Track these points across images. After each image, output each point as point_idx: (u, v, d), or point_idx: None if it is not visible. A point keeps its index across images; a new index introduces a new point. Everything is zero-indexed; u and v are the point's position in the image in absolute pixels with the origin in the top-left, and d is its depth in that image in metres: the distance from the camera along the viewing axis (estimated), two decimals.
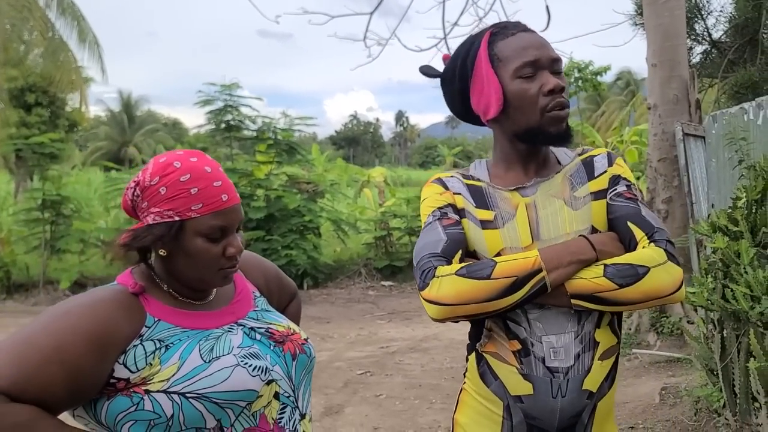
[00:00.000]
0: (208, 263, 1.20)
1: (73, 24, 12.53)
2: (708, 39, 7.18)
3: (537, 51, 1.37)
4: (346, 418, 4.40)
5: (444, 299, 1.28)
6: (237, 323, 1.27)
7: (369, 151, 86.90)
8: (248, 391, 1.16)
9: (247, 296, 1.36)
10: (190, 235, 1.18)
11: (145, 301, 1.19)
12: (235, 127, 10.38)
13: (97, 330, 1.10)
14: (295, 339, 1.32)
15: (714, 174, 4.58)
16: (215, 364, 1.15)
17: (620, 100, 31.23)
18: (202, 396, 1.12)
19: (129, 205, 1.23)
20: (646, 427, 3.85)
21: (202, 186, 1.18)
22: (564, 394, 1.30)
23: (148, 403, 1.11)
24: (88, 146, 45.18)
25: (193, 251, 1.19)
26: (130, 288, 1.18)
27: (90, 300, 1.15)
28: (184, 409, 1.11)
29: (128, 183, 1.24)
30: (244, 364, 1.17)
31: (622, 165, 1.45)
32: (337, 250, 11.06)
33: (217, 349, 1.18)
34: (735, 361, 3.14)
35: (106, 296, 1.16)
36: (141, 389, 1.11)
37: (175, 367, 1.13)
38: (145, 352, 1.13)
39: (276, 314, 1.38)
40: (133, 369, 1.11)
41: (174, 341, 1.16)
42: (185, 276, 1.22)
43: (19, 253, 10.02)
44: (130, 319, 1.14)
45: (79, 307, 1.13)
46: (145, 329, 1.15)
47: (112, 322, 1.12)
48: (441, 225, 1.40)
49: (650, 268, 1.25)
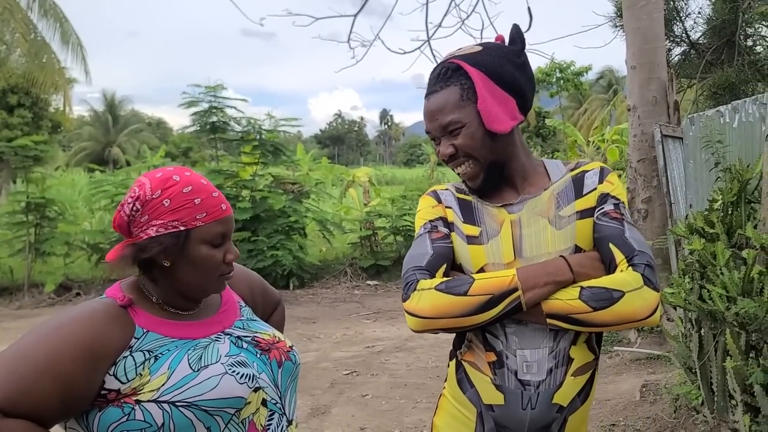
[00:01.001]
0: (211, 269, 1.26)
1: (55, 25, 12.43)
2: (686, 40, 7.28)
3: (428, 123, 1.46)
4: (333, 418, 4.44)
5: (422, 312, 1.34)
6: (224, 332, 1.30)
7: (354, 150, 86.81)
8: (236, 398, 1.19)
9: (232, 306, 1.40)
10: (195, 244, 1.23)
11: (134, 313, 1.22)
12: (220, 129, 10.37)
13: (88, 343, 1.12)
14: (281, 347, 1.36)
15: (691, 175, 4.67)
16: (204, 373, 1.18)
17: (602, 99, 31.50)
18: (191, 404, 1.15)
19: (125, 221, 1.25)
20: (626, 424, 3.93)
21: (204, 197, 1.24)
22: (534, 407, 1.35)
23: (139, 413, 1.13)
24: (72, 147, 44.77)
25: (198, 259, 1.24)
26: (119, 301, 1.21)
27: (81, 313, 1.18)
28: (174, 417, 1.14)
29: (123, 200, 1.26)
30: (232, 372, 1.20)
31: (612, 182, 1.46)
32: (322, 250, 11.09)
33: (205, 358, 1.21)
34: (712, 360, 3.22)
35: (96, 309, 1.19)
36: (132, 399, 1.14)
37: (165, 377, 1.15)
38: (135, 363, 1.15)
39: (261, 323, 1.42)
40: (123, 380, 1.14)
41: (163, 351, 1.19)
42: (188, 285, 1.26)
43: (3, 257, 9.94)
44: (119, 331, 1.17)
45: (70, 321, 1.15)
46: (134, 340, 1.18)
47: (103, 335, 1.14)
48: (430, 238, 1.45)
49: (625, 292, 1.28)
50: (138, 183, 1.25)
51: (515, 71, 1.43)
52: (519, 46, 1.47)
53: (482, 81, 1.40)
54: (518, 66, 1.44)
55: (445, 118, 1.41)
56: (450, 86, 1.41)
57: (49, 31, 12.34)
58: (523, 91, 1.44)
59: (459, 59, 1.43)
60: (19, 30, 11.27)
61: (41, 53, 11.86)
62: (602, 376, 5.03)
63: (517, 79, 1.43)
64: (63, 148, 41.07)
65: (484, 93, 1.39)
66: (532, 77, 1.49)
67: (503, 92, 1.41)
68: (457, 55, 1.45)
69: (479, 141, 1.41)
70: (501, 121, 1.41)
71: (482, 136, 1.41)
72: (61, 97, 14.32)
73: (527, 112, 1.49)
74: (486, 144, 1.42)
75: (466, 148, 1.42)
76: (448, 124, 1.41)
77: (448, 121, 1.40)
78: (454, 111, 1.40)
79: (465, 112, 1.40)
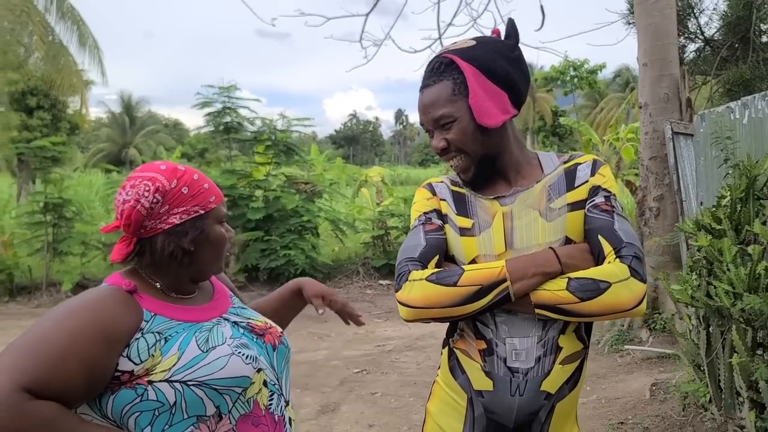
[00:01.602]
0: (223, 245, 1.37)
1: (73, 28, 12.61)
2: (701, 37, 7.21)
3: (422, 116, 1.49)
4: (342, 415, 4.47)
5: (413, 302, 1.37)
6: (222, 317, 1.36)
7: (368, 150, 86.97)
8: (243, 378, 1.25)
9: (224, 294, 1.46)
10: (211, 224, 1.33)
11: (139, 298, 1.25)
12: (234, 129, 10.46)
13: (104, 325, 1.16)
14: (273, 332, 1.42)
15: (702, 172, 4.63)
16: (212, 354, 1.23)
17: (619, 97, 31.21)
18: (202, 383, 1.19)
19: (142, 215, 1.25)
20: (635, 422, 3.92)
21: (208, 182, 1.35)
22: (522, 393, 1.38)
23: (152, 393, 1.17)
24: (90, 148, 45.32)
25: (215, 238, 1.34)
26: (124, 287, 1.25)
27: (91, 299, 1.21)
28: (186, 396, 1.18)
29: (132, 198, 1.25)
30: (238, 353, 1.26)
31: (604, 174, 1.48)
32: (335, 250, 11.13)
33: (211, 339, 1.26)
34: (720, 357, 3.20)
35: (105, 295, 1.22)
36: (144, 380, 1.18)
37: (176, 357, 1.20)
38: (147, 345, 1.19)
39: (251, 311, 1.47)
40: (136, 361, 1.18)
41: (171, 333, 1.23)
42: (207, 265, 1.35)
43: (22, 256, 10.08)
44: (130, 314, 1.21)
45: (83, 306, 1.19)
46: (144, 323, 1.21)
47: (116, 318, 1.18)
48: (423, 230, 1.48)
49: (611, 283, 1.30)
50: (146, 178, 1.27)
51: (508, 66, 1.44)
52: (513, 41, 1.49)
53: (474, 76, 1.41)
54: (512, 60, 1.45)
55: (437, 112, 1.43)
56: (443, 81, 1.43)
57: (67, 34, 12.53)
58: (516, 85, 1.46)
59: (452, 54, 1.45)
60: (37, 33, 11.46)
61: (59, 56, 12.04)
62: (613, 374, 5.01)
63: (510, 73, 1.44)
64: (81, 149, 41.60)
65: (475, 88, 1.41)
66: (526, 72, 1.50)
67: (495, 87, 1.43)
68: (451, 49, 1.47)
69: (470, 135, 1.43)
70: (492, 116, 1.42)
71: (473, 130, 1.43)
72: (78, 99, 14.54)
73: (521, 106, 1.50)
74: (477, 138, 1.44)
75: (457, 143, 1.44)
76: (440, 117, 1.43)
77: (440, 115, 1.43)
78: (445, 105, 1.42)
79: (456, 106, 1.42)
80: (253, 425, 1.27)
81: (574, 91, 10.71)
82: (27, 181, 17.16)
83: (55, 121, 20.79)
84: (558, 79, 12.73)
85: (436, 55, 1.49)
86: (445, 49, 1.49)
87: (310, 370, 5.62)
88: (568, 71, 10.02)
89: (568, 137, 33.73)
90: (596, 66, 10.11)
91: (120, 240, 1.30)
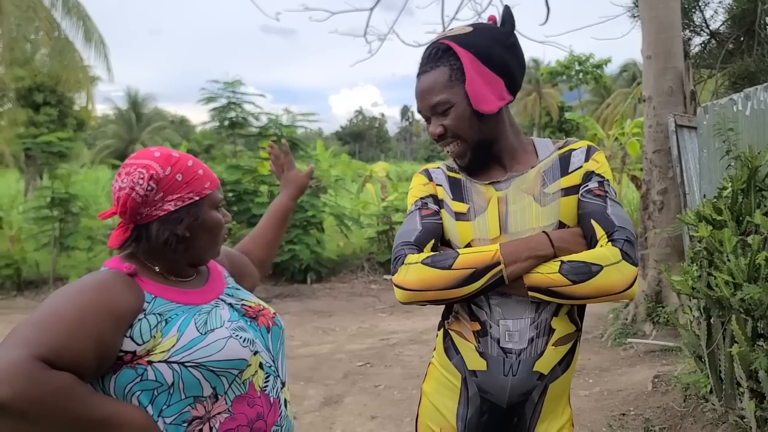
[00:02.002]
0: (218, 231, 1.37)
1: (78, 24, 12.67)
2: (706, 30, 7.18)
3: (419, 102, 1.50)
4: (345, 407, 4.49)
5: (408, 284, 1.39)
6: (219, 299, 1.38)
7: (374, 146, 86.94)
8: (240, 360, 1.27)
9: (219, 275, 1.47)
10: (206, 210, 1.34)
11: (140, 281, 1.28)
12: (239, 124, 10.48)
13: (111, 304, 1.18)
14: (266, 313, 1.44)
15: (705, 164, 4.62)
16: (210, 336, 1.25)
17: (626, 92, 31.08)
18: (199, 365, 1.22)
19: (137, 203, 1.26)
20: (637, 414, 3.93)
21: (203, 168, 1.35)
22: (515, 373, 1.40)
23: (151, 373, 1.20)
24: (97, 144, 45.48)
25: (211, 224, 1.35)
26: (124, 269, 1.27)
27: (95, 280, 1.23)
28: (183, 376, 1.21)
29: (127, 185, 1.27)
30: (236, 336, 1.28)
31: (598, 160, 1.50)
32: (340, 245, 11.15)
33: (210, 322, 1.28)
34: (721, 348, 3.20)
35: (108, 277, 1.25)
36: (144, 361, 1.20)
37: (174, 339, 1.22)
38: (150, 326, 1.22)
39: (246, 292, 1.49)
40: (139, 341, 1.20)
41: (171, 315, 1.25)
42: (203, 250, 1.36)
43: (29, 251, 10.16)
44: (133, 295, 1.24)
45: (90, 286, 1.21)
46: (146, 304, 1.24)
47: (121, 297, 1.21)
48: (420, 215, 1.51)
49: (603, 266, 1.32)
50: (140, 165, 1.28)
51: (504, 52, 1.46)
52: (509, 28, 1.50)
53: (471, 62, 1.43)
54: (508, 47, 1.47)
55: (434, 98, 1.45)
56: (439, 67, 1.45)
57: (73, 30, 12.60)
58: (512, 72, 1.47)
59: (449, 40, 1.46)
60: (43, 28, 11.52)
61: (65, 52, 12.10)
62: (616, 367, 5.02)
63: (506, 60, 1.46)
64: (88, 145, 41.78)
65: (472, 74, 1.42)
66: (521, 58, 1.52)
67: (492, 73, 1.44)
68: (448, 35, 1.48)
69: (467, 121, 1.45)
70: (488, 102, 1.44)
71: (470, 116, 1.44)
72: (84, 95, 14.60)
73: (516, 92, 1.52)
74: (474, 124, 1.45)
75: (454, 128, 1.46)
76: (437, 104, 1.45)
77: (437, 101, 1.45)
78: (442, 91, 1.44)
79: (453, 92, 1.44)
80: (249, 406, 1.29)
81: (579, 86, 10.66)
82: (34, 177, 17.26)
83: (62, 117, 20.87)
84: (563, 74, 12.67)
85: (433, 41, 1.50)
86: (442, 35, 1.50)
87: (315, 363, 5.65)
88: (573, 66, 9.98)
89: (574, 132, 33.63)
90: (601, 60, 10.07)
91: (117, 226, 1.32)
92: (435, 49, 1.47)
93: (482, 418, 1.47)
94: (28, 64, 12.62)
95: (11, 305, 9.04)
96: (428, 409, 1.56)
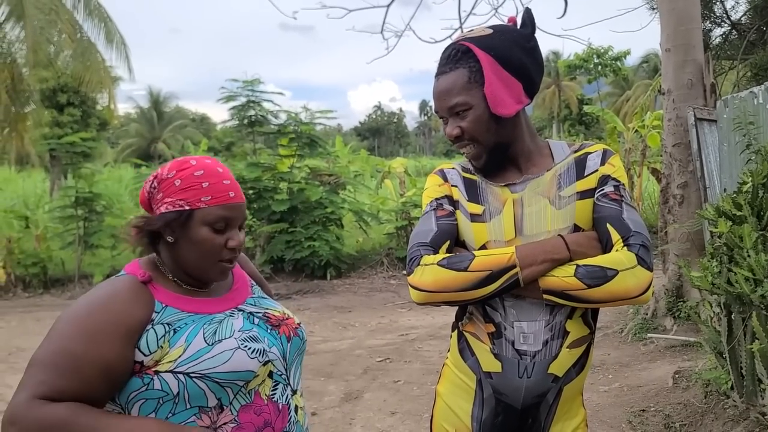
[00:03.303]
0: (209, 252, 1.32)
1: (99, 25, 12.85)
2: (727, 21, 7.08)
3: (437, 102, 1.50)
4: (365, 403, 4.54)
5: (424, 286, 1.41)
6: (237, 308, 1.38)
7: (393, 142, 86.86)
8: (247, 372, 1.27)
9: (245, 285, 1.48)
10: (197, 224, 1.30)
11: (153, 288, 1.30)
12: (258, 122, 10.56)
13: (119, 321, 1.21)
14: (289, 323, 1.44)
15: (726, 158, 4.57)
16: (217, 347, 1.25)
17: (647, 84, 30.66)
18: (204, 376, 1.23)
19: (146, 197, 1.36)
20: (657, 410, 3.92)
21: (213, 181, 1.32)
22: (530, 375, 1.41)
23: (157, 383, 1.22)
24: (120, 143, 46.08)
25: (197, 239, 1.31)
26: (139, 277, 1.30)
27: (105, 295, 1.27)
28: (188, 387, 1.22)
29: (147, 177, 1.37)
30: (244, 347, 1.28)
31: (614, 164, 1.49)
32: (359, 241, 11.20)
33: (219, 332, 1.28)
34: (741, 344, 3.18)
35: (120, 288, 1.28)
36: (151, 371, 1.23)
37: (182, 349, 1.23)
38: (157, 336, 1.24)
39: (271, 301, 1.50)
40: (146, 352, 1.22)
41: (181, 325, 1.27)
42: (187, 263, 1.34)
43: (55, 249, 10.36)
44: (142, 306, 1.26)
45: (98, 305, 1.24)
46: (155, 314, 1.26)
47: (130, 312, 1.23)
48: (435, 216, 1.51)
49: (619, 271, 1.33)
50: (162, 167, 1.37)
51: (524, 56, 1.46)
52: (529, 30, 1.50)
53: (490, 65, 1.43)
54: (527, 50, 1.47)
55: (452, 99, 1.45)
56: (459, 68, 1.45)
57: (94, 31, 12.79)
58: (531, 75, 1.47)
59: (469, 42, 1.46)
60: (65, 31, 11.71)
61: (87, 53, 12.28)
62: (636, 363, 5.00)
63: (525, 63, 1.46)
64: (111, 144, 42.36)
65: (491, 77, 1.42)
66: (541, 61, 1.52)
67: (511, 76, 1.44)
68: (468, 37, 1.48)
69: (484, 124, 1.45)
70: (506, 105, 1.44)
71: (487, 119, 1.44)
72: (107, 95, 14.82)
73: (534, 95, 1.52)
74: (491, 127, 1.45)
75: (471, 131, 1.46)
76: (455, 106, 1.45)
77: (455, 103, 1.45)
78: (461, 93, 1.44)
79: (472, 95, 1.44)
80: (255, 414, 1.29)
81: (598, 78, 10.57)
82: (59, 176, 17.55)
83: (85, 117, 21.20)
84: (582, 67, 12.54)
85: (453, 42, 1.50)
86: (462, 36, 1.50)
87: (335, 359, 5.70)
88: (592, 59, 9.88)
89: (594, 125, 33.28)
90: (620, 53, 9.96)
91: None
92: (455, 51, 1.47)
93: (497, 420, 1.48)
94: (52, 66, 12.82)
95: (39, 303, 9.24)
96: (443, 410, 1.57)
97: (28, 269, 9.70)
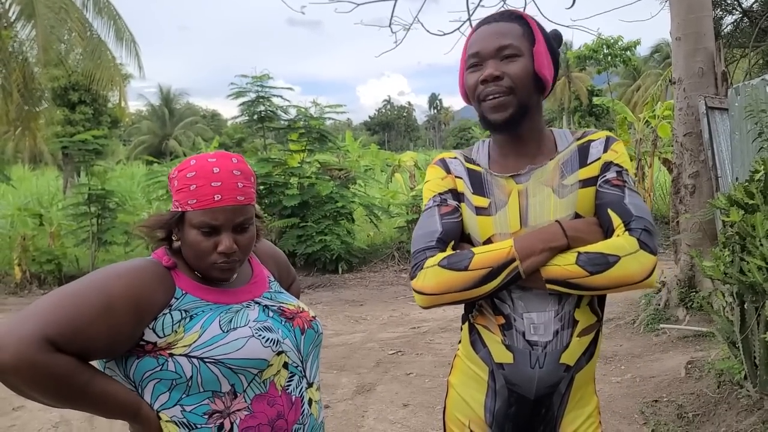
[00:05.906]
0: (200, 254, 1.33)
1: (109, 23, 12.92)
2: (739, 8, 7.01)
3: (482, 42, 1.46)
4: (377, 395, 4.56)
5: (427, 289, 1.41)
6: (254, 301, 1.41)
7: (403, 136, 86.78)
8: (260, 360, 1.30)
9: (262, 279, 1.50)
10: (187, 227, 1.33)
11: (176, 275, 1.33)
12: (268, 118, 10.60)
13: (138, 297, 1.24)
14: (304, 316, 1.46)
15: (738, 147, 4.54)
16: (232, 334, 1.28)
17: (658, 74, 30.41)
18: (218, 361, 1.26)
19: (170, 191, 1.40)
20: (670, 400, 3.91)
21: (200, 184, 1.30)
22: (542, 366, 1.42)
23: (171, 365, 1.25)
24: (132, 140, 46.39)
25: (189, 241, 1.33)
26: (164, 262, 1.33)
27: (133, 268, 1.29)
28: (201, 371, 1.25)
29: None
30: (258, 336, 1.31)
31: (617, 150, 1.49)
32: (370, 235, 11.23)
33: (235, 321, 1.32)
34: (755, 333, 3.17)
35: (147, 267, 1.31)
36: (166, 353, 1.26)
37: (197, 335, 1.27)
38: (173, 321, 1.27)
39: (287, 295, 1.52)
40: (160, 335, 1.26)
41: (197, 312, 1.30)
42: (189, 262, 1.37)
43: (69, 246, 10.46)
44: (163, 289, 1.29)
45: (125, 273, 1.27)
46: (174, 300, 1.29)
47: (150, 291, 1.26)
48: (439, 213, 1.50)
49: (621, 257, 1.32)
50: None
51: (557, 51, 1.53)
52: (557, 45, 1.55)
53: (541, 34, 1.48)
54: (557, 51, 1.54)
55: (506, 40, 1.44)
56: (513, 23, 1.48)
57: (104, 29, 12.86)
58: (558, 69, 1.53)
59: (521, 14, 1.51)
60: (75, 29, 11.78)
61: (97, 51, 12.35)
62: (648, 353, 4.98)
63: (558, 56, 1.52)
64: (123, 142, 42.66)
65: (542, 41, 1.47)
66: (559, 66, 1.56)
67: (550, 58, 1.49)
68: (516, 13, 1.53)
69: (526, 78, 1.44)
70: (548, 71, 1.47)
71: (531, 74, 1.45)
72: (117, 92, 14.91)
73: (549, 91, 1.54)
74: (530, 84, 1.45)
75: (514, 78, 1.43)
76: (507, 46, 1.44)
77: (508, 44, 1.44)
78: (516, 39, 1.45)
79: (524, 46, 1.45)
80: (269, 405, 1.32)
81: (608, 69, 10.49)
82: (72, 174, 17.73)
83: (97, 115, 21.38)
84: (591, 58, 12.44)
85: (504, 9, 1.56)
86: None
87: (347, 352, 5.73)
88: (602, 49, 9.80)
89: (604, 116, 33.06)
90: (630, 43, 9.88)
91: None
92: (509, 12, 1.51)
93: (510, 410, 1.48)
94: (63, 64, 12.93)
95: None
96: (456, 401, 1.58)
97: (43, 266, 9.80)
